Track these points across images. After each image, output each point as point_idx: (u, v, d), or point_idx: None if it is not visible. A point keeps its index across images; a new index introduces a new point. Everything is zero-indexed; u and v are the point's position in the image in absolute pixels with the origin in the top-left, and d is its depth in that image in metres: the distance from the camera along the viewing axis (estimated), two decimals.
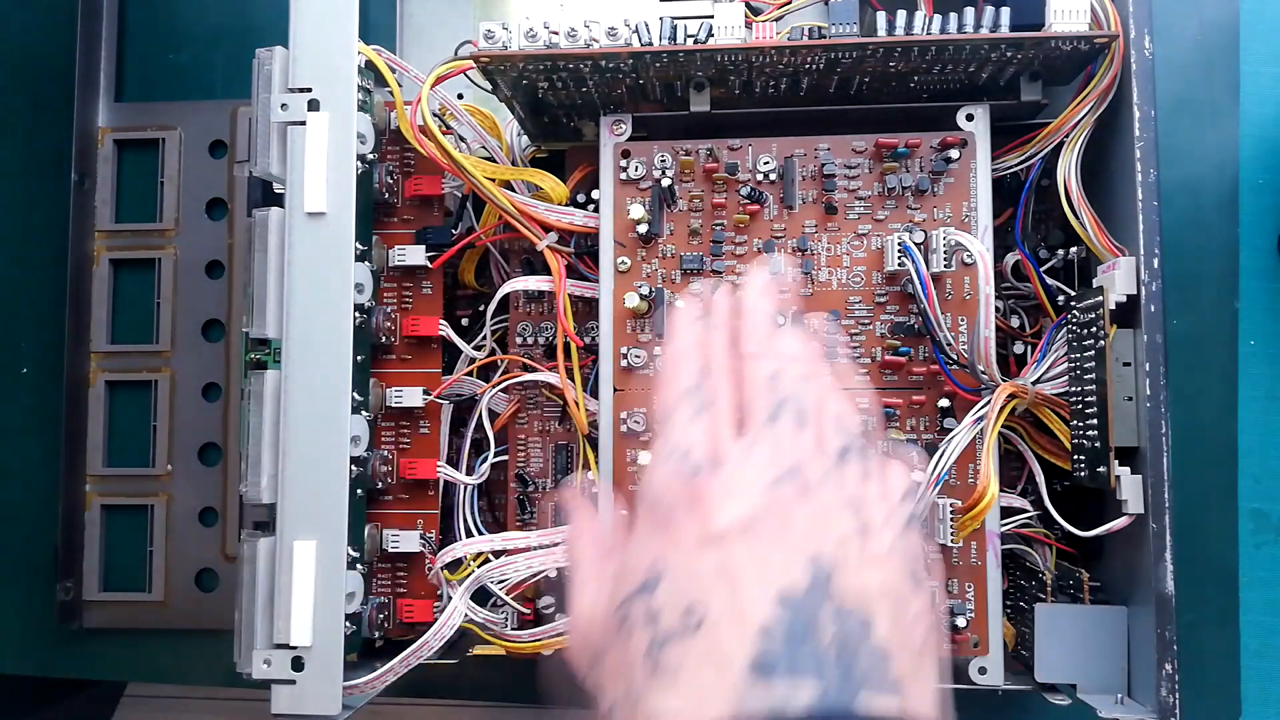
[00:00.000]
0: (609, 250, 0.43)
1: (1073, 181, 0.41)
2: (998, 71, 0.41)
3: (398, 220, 0.47)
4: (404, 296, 0.47)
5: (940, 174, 0.42)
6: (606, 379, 0.43)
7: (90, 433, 0.55)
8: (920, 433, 0.42)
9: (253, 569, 0.40)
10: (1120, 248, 0.40)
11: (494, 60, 0.40)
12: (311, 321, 0.40)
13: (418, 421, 0.46)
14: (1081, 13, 0.38)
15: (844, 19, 0.41)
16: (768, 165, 0.43)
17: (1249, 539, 0.48)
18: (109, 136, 0.56)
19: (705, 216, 0.43)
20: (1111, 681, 0.39)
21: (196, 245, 0.55)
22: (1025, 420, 0.42)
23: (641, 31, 0.40)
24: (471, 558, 0.44)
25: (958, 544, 0.40)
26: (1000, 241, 0.44)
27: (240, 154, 0.55)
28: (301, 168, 0.40)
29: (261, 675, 0.39)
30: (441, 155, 0.42)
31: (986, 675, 0.40)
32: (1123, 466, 0.38)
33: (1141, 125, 0.39)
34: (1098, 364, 0.38)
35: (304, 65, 0.41)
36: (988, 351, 0.39)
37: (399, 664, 0.41)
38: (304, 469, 0.40)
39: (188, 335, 0.55)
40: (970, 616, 0.40)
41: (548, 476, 0.47)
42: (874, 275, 0.42)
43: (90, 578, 0.54)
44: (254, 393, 0.40)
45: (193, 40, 0.58)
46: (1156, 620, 0.37)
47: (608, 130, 0.44)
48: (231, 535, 0.54)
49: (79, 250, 0.55)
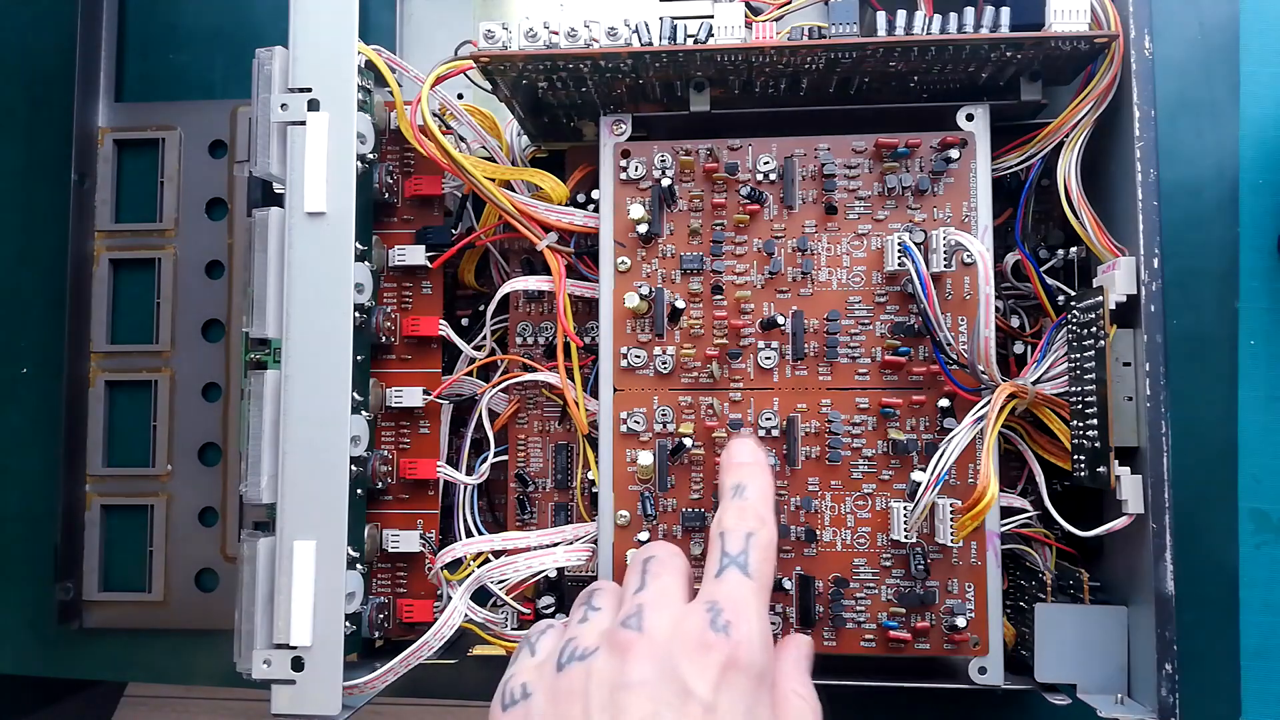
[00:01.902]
0: (609, 250, 0.43)
1: (1073, 181, 0.41)
2: (998, 71, 0.41)
3: (398, 220, 0.47)
4: (404, 296, 0.47)
5: (940, 174, 0.42)
6: (606, 379, 0.43)
7: (90, 433, 0.55)
8: (920, 433, 0.42)
9: (252, 569, 0.40)
10: (1120, 248, 0.40)
11: (494, 60, 0.40)
12: (311, 321, 0.40)
13: (418, 421, 0.46)
14: (1081, 13, 0.38)
15: (844, 19, 0.41)
16: (768, 165, 0.43)
17: (1249, 539, 0.48)
18: (109, 136, 0.56)
19: (705, 216, 0.43)
20: (1111, 681, 0.39)
21: (196, 245, 0.55)
22: (1025, 420, 0.42)
23: (641, 31, 0.40)
24: (471, 558, 0.44)
25: (958, 544, 0.40)
26: (1000, 241, 0.44)
27: (240, 154, 0.55)
28: (301, 168, 0.40)
29: (261, 675, 0.39)
30: (441, 155, 0.42)
31: (986, 675, 0.40)
32: (1123, 466, 0.38)
33: (1141, 125, 0.39)
34: (1098, 364, 0.38)
35: (304, 65, 0.41)
36: (988, 351, 0.39)
37: (399, 664, 0.41)
38: (304, 469, 0.40)
39: (188, 335, 0.55)
40: (970, 616, 0.40)
41: (548, 476, 0.47)
42: (874, 275, 0.42)
43: (90, 578, 0.54)
44: (254, 393, 0.40)
45: (193, 40, 0.58)
46: (1156, 620, 0.37)
47: (608, 130, 0.44)
48: (231, 535, 0.54)
49: (79, 250, 0.55)
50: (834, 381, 0.42)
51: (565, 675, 0.32)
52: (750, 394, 0.42)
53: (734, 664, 0.31)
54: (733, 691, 0.30)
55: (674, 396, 0.43)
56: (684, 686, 0.30)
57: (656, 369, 0.43)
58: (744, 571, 0.34)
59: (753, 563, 0.34)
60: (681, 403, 0.43)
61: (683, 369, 0.43)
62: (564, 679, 0.32)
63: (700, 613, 0.32)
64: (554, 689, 0.32)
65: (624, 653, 0.32)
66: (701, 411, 0.42)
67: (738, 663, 0.31)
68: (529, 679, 0.34)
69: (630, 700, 0.30)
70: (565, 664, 0.33)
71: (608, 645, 0.32)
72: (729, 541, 0.35)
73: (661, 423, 0.43)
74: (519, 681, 0.34)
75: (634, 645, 0.32)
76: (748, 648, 0.31)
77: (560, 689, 0.32)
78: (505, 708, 0.33)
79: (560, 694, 0.32)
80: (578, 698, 0.31)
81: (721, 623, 0.32)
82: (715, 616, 0.32)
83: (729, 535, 0.35)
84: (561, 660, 0.33)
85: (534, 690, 0.33)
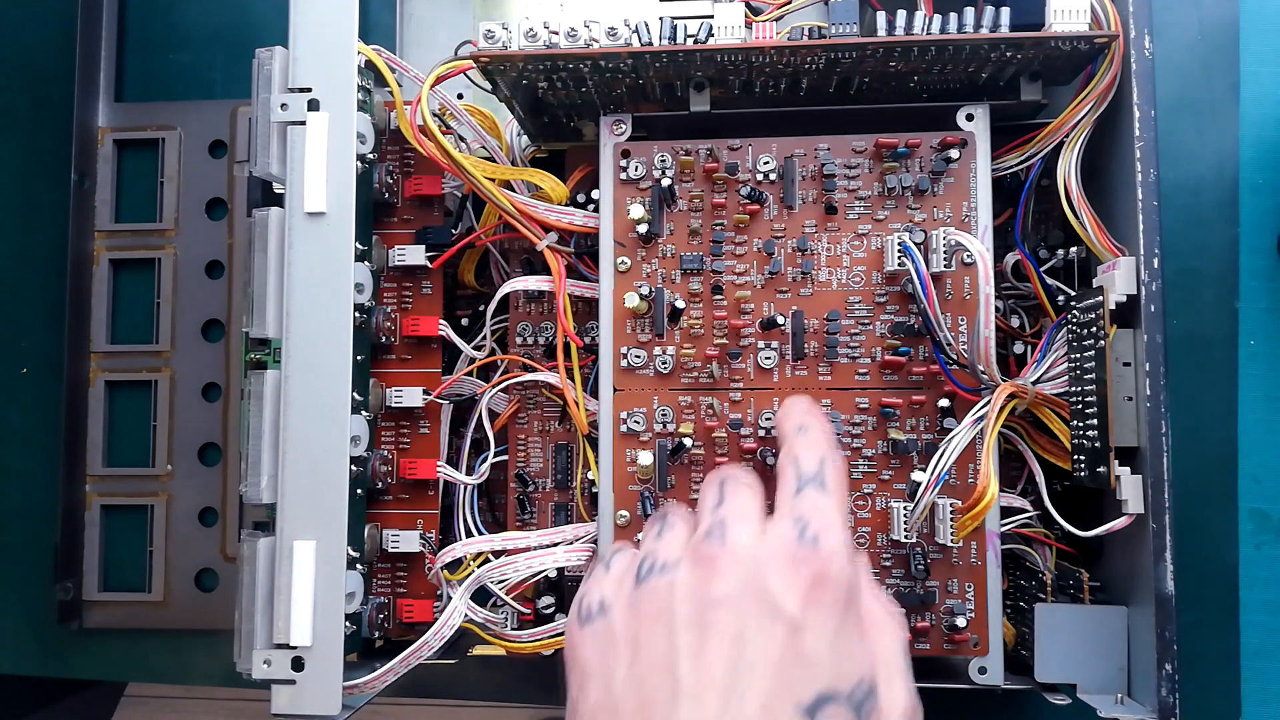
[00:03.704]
0: (609, 250, 0.43)
1: (1073, 181, 0.41)
2: (998, 71, 0.41)
3: (398, 220, 0.47)
4: (404, 296, 0.47)
5: (940, 174, 0.42)
6: (606, 379, 0.43)
7: (90, 433, 0.55)
8: (920, 433, 0.42)
9: (252, 569, 0.40)
10: (1120, 248, 0.40)
11: (494, 60, 0.40)
12: (311, 321, 0.40)
13: (418, 421, 0.46)
14: (1081, 13, 0.38)
15: (844, 19, 0.41)
16: (768, 165, 0.43)
17: (1249, 539, 0.48)
18: (109, 136, 0.56)
19: (705, 216, 0.43)
20: (1111, 681, 0.39)
21: (196, 245, 0.55)
22: (1025, 420, 0.42)
23: (641, 31, 0.40)
24: (471, 558, 0.44)
25: (958, 544, 0.40)
26: (1000, 241, 0.44)
27: (240, 154, 0.55)
28: (301, 168, 0.40)
29: (261, 675, 0.39)
30: (441, 155, 0.42)
31: (986, 675, 0.40)
32: (1123, 466, 0.38)
33: (1141, 125, 0.39)
34: (1098, 364, 0.38)
35: (304, 65, 0.41)
36: (988, 351, 0.39)
37: (399, 664, 0.41)
38: (304, 469, 0.40)
39: (188, 335, 0.55)
40: (970, 616, 0.40)
41: (548, 476, 0.47)
42: (874, 275, 0.42)
43: (90, 578, 0.54)
44: (254, 393, 0.40)
45: (193, 40, 0.58)
46: (1156, 620, 0.37)
47: (608, 130, 0.44)
48: (231, 535, 0.54)
49: (79, 250, 0.55)
50: (834, 381, 0.42)
51: (647, 589, 0.31)
52: (750, 394, 0.42)
53: (823, 579, 0.30)
54: (820, 608, 0.29)
55: (674, 396, 0.43)
56: (772, 602, 0.29)
57: (656, 369, 0.43)
58: (823, 488, 0.32)
59: (830, 480, 0.33)
60: (681, 403, 0.43)
61: (683, 369, 0.43)
62: (645, 592, 0.31)
63: (787, 526, 0.31)
64: (635, 603, 0.31)
65: (709, 566, 0.30)
66: (701, 411, 0.42)
67: (827, 577, 0.30)
68: (607, 593, 0.32)
69: (716, 616, 0.29)
70: (645, 577, 0.31)
71: (691, 558, 0.31)
72: (804, 464, 0.33)
73: (661, 423, 0.43)
74: (596, 596, 0.32)
75: (719, 558, 0.30)
76: (838, 560, 0.30)
77: (642, 603, 0.31)
78: (584, 623, 0.32)
79: (643, 608, 0.31)
80: (661, 613, 0.30)
81: (810, 535, 0.30)
82: (803, 530, 0.30)
83: (803, 459, 0.33)
84: (641, 573, 0.32)
85: (613, 604, 0.32)
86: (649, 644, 0.30)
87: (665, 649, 0.29)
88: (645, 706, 0.29)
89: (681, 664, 0.29)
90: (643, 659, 0.30)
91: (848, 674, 0.29)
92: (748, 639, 0.29)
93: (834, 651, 0.29)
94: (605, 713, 0.30)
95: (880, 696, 0.30)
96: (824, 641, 0.29)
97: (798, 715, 0.28)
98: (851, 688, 0.29)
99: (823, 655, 0.29)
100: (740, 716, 0.27)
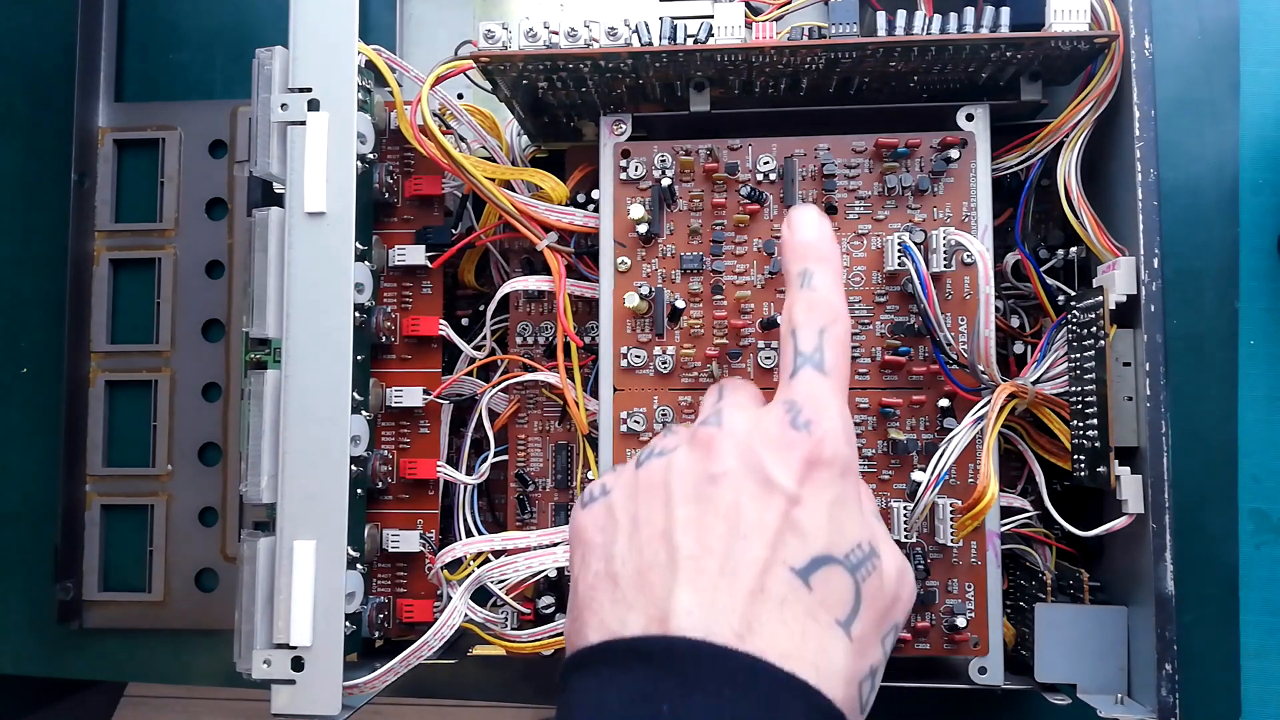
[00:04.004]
0: (609, 250, 0.43)
1: (1073, 181, 0.41)
2: (998, 71, 0.41)
3: (398, 220, 0.47)
4: (404, 296, 0.47)
5: (940, 174, 0.42)
6: (606, 379, 0.43)
7: (90, 433, 0.55)
8: (920, 433, 0.42)
9: (253, 569, 0.40)
10: (1120, 248, 0.40)
11: (494, 60, 0.40)
12: (311, 321, 0.40)
13: (418, 421, 0.46)
14: (1081, 13, 0.38)
15: (844, 19, 0.41)
16: (768, 165, 0.43)
17: (1249, 539, 0.48)
18: (109, 136, 0.56)
19: (705, 216, 0.43)
20: (1111, 681, 0.39)
21: (196, 245, 0.55)
22: (1025, 420, 0.42)
23: (641, 31, 0.40)
24: (471, 558, 0.44)
25: (958, 544, 0.40)
26: (1000, 241, 0.44)
27: (240, 154, 0.55)
28: (301, 168, 0.40)
29: (261, 675, 0.39)
30: (441, 155, 0.42)
31: (986, 675, 0.40)
32: (1123, 466, 0.38)
33: (1141, 125, 0.39)
34: (1098, 364, 0.38)
35: (304, 65, 0.41)
36: (988, 351, 0.39)
37: (399, 664, 0.41)
38: (304, 469, 0.40)
39: (188, 335, 0.55)
40: (970, 616, 0.40)
41: (548, 476, 0.47)
42: (874, 275, 0.42)
43: (90, 578, 0.54)
44: (254, 393, 0.40)
45: (193, 40, 0.58)
46: (1156, 620, 0.37)
47: (608, 130, 0.44)
48: (231, 535, 0.54)
49: (79, 250, 0.55)
50: None
51: (645, 469, 0.32)
52: None
53: (817, 459, 0.30)
54: (816, 484, 0.30)
55: (674, 396, 0.43)
56: (768, 478, 0.29)
57: (656, 369, 0.43)
58: (820, 369, 0.32)
59: (829, 359, 0.32)
60: (681, 403, 0.43)
61: (683, 369, 0.43)
62: (644, 473, 0.32)
63: (779, 412, 0.31)
64: (634, 483, 0.32)
65: (705, 447, 0.31)
66: None
67: (821, 457, 0.30)
68: (608, 480, 0.33)
69: (713, 491, 0.29)
70: (645, 460, 0.32)
71: (689, 441, 0.32)
72: (801, 339, 0.33)
73: (661, 423, 0.43)
74: (599, 483, 0.33)
75: (715, 439, 0.31)
76: (831, 441, 0.30)
77: (641, 483, 0.31)
78: (585, 505, 0.33)
79: (641, 487, 0.31)
80: (659, 490, 0.31)
81: (802, 420, 0.30)
82: (795, 416, 0.31)
83: (801, 332, 0.33)
84: (641, 458, 0.32)
85: (613, 487, 0.32)
86: (647, 518, 0.30)
87: (663, 521, 0.30)
88: (644, 573, 0.29)
89: (678, 533, 0.29)
90: (641, 532, 0.30)
91: (844, 541, 0.30)
92: (744, 511, 0.29)
93: (831, 521, 0.29)
94: (605, 581, 0.30)
95: (883, 559, 0.30)
96: (821, 513, 0.29)
97: (793, 577, 0.28)
98: (848, 551, 0.29)
99: (819, 525, 0.29)
100: (736, 579, 0.28)
